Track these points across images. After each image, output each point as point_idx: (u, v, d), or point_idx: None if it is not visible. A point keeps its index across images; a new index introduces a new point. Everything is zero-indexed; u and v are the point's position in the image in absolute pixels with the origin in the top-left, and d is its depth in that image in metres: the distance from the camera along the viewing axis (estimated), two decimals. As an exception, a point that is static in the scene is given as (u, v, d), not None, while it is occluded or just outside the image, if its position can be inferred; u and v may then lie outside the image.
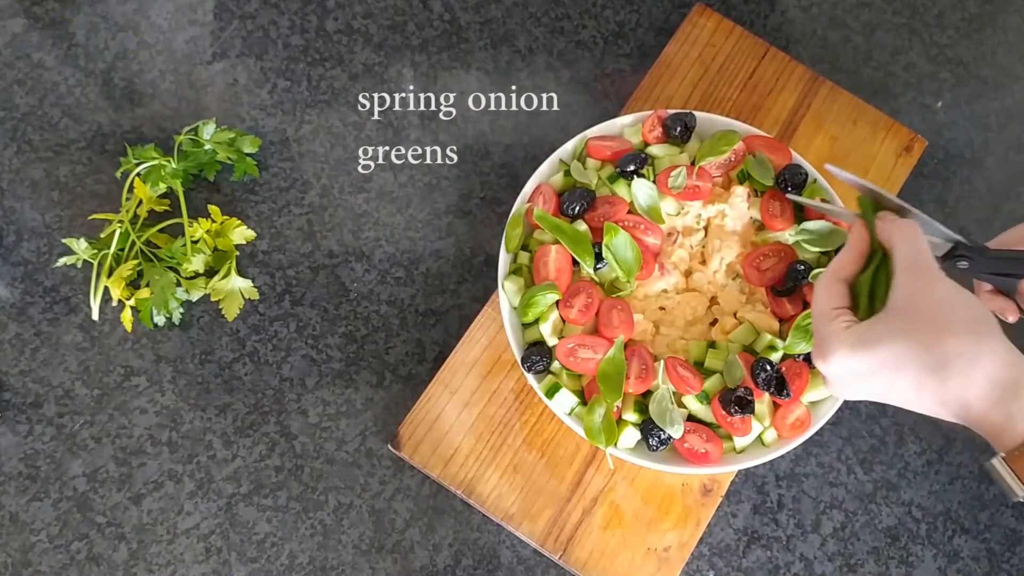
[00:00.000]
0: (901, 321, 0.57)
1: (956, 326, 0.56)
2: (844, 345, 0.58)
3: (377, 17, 1.02)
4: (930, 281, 0.58)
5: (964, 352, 0.55)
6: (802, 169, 0.87)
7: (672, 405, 0.79)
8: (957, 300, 0.57)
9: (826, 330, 0.60)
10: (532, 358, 0.81)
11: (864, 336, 0.58)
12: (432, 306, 0.92)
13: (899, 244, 0.61)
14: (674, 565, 0.83)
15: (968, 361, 0.55)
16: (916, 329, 0.56)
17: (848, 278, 0.64)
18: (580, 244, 0.82)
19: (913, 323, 0.57)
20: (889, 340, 0.56)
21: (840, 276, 0.64)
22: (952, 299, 0.57)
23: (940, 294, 0.58)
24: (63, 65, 0.98)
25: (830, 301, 0.62)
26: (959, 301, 0.57)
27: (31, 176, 0.94)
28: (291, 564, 0.83)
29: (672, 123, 0.88)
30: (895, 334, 0.57)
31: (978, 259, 0.65)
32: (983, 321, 0.57)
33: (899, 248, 0.61)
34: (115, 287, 0.87)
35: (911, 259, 0.60)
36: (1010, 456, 0.55)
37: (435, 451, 0.85)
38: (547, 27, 1.03)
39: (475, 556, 0.85)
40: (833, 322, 0.60)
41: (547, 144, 0.96)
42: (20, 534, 0.83)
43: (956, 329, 0.55)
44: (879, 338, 0.57)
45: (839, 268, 0.64)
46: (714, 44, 1.00)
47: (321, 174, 0.96)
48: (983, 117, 1.03)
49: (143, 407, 0.87)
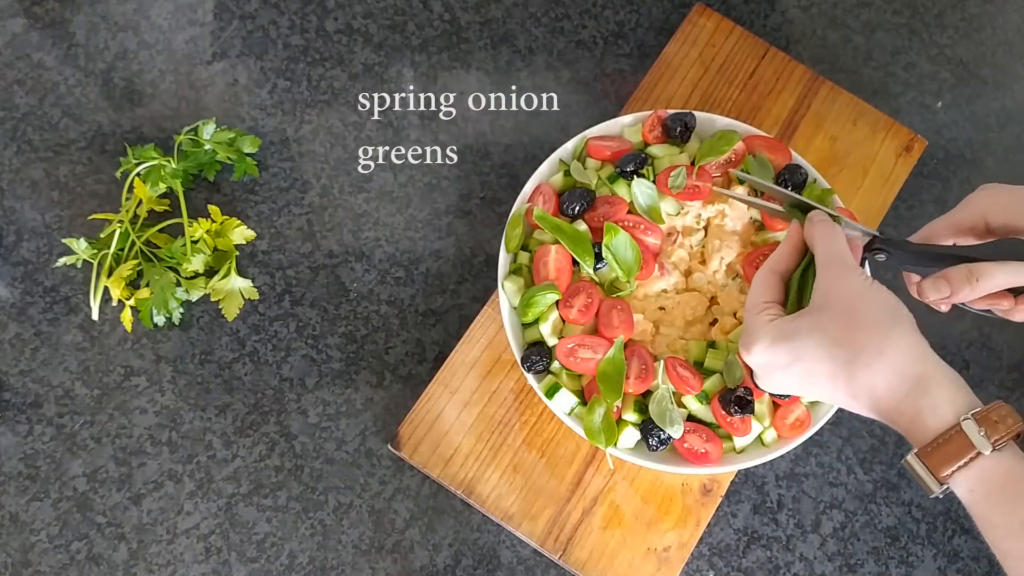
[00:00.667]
0: (817, 316, 0.59)
1: (865, 319, 0.57)
2: (765, 337, 0.60)
3: (377, 17, 1.02)
4: (843, 276, 0.60)
5: (871, 345, 0.56)
6: (802, 169, 0.87)
7: (672, 405, 0.79)
8: (868, 294, 0.59)
9: (752, 321, 0.62)
10: (532, 358, 0.81)
11: (784, 330, 0.59)
12: (432, 306, 0.92)
13: (818, 243, 0.63)
14: (674, 565, 0.83)
15: (875, 354, 0.56)
16: (829, 323, 0.58)
17: (783, 272, 0.65)
18: (580, 244, 0.82)
19: (827, 318, 0.58)
20: (805, 334, 0.58)
21: (776, 269, 0.65)
22: (863, 293, 0.59)
23: (852, 288, 0.59)
24: (63, 65, 0.98)
25: (762, 294, 0.64)
26: (870, 295, 0.59)
27: (31, 176, 0.94)
28: (291, 564, 0.83)
29: (672, 123, 0.88)
30: (810, 329, 0.58)
31: (895, 252, 0.67)
32: (892, 313, 0.58)
33: (818, 247, 0.63)
34: (115, 287, 0.87)
35: (827, 256, 0.62)
36: (922, 452, 0.55)
37: (435, 451, 0.85)
38: (547, 27, 1.03)
39: (475, 556, 0.85)
40: (760, 314, 0.62)
41: (547, 144, 0.96)
42: (20, 534, 0.83)
43: (865, 323, 0.57)
44: (796, 332, 0.59)
45: (775, 262, 0.66)
46: (714, 44, 1.00)
47: (321, 174, 0.96)
48: (983, 117, 1.03)
49: (143, 407, 0.87)
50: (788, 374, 0.60)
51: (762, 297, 0.64)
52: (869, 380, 0.56)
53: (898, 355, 0.56)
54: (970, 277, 0.62)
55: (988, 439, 0.53)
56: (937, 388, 0.55)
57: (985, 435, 0.53)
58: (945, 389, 0.55)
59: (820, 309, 0.59)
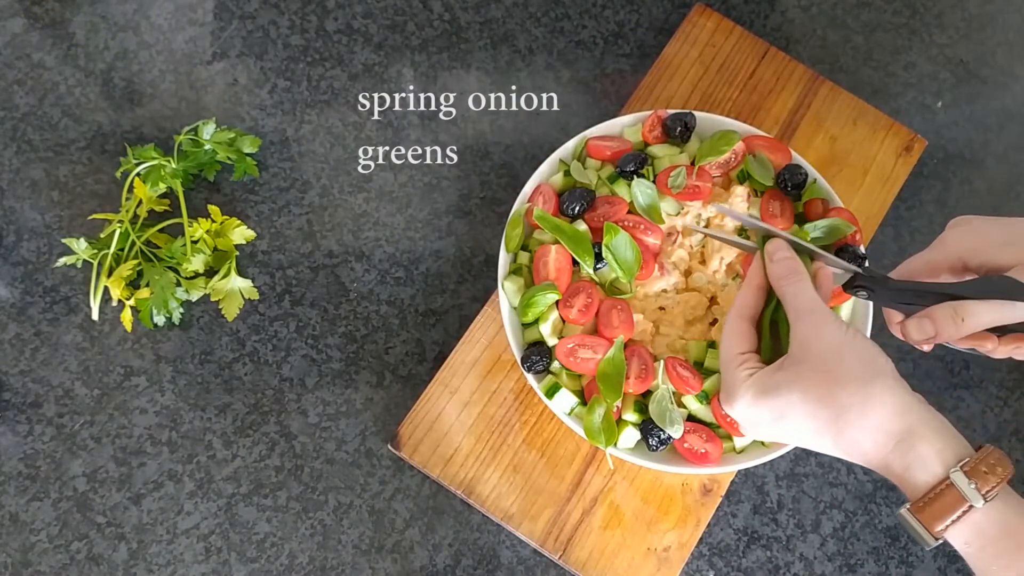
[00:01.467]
0: (796, 370, 0.57)
1: (846, 375, 0.56)
2: (747, 393, 0.59)
3: (377, 17, 1.02)
4: (819, 326, 0.58)
5: (854, 404, 0.55)
6: (802, 169, 0.87)
7: (672, 405, 0.79)
8: (847, 346, 0.57)
9: (731, 377, 0.61)
10: (532, 358, 0.81)
11: (764, 386, 0.58)
12: (432, 306, 0.92)
13: (785, 289, 0.61)
14: (674, 565, 0.83)
15: (859, 412, 0.55)
16: (809, 380, 0.56)
17: (752, 316, 0.63)
18: (580, 244, 0.82)
19: (806, 373, 0.57)
20: (786, 390, 0.57)
21: (744, 315, 0.63)
22: (842, 345, 0.57)
23: (829, 340, 0.57)
24: (63, 65, 0.98)
25: (735, 345, 0.62)
26: (849, 347, 0.57)
27: (31, 176, 0.94)
28: (291, 564, 0.83)
29: (672, 123, 0.88)
30: (791, 384, 0.57)
31: (878, 290, 0.65)
32: (872, 367, 0.56)
33: (786, 294, 0.61)
34: (115, 287, 0.87)
35: (798, 305, 0.60)
36: (915, 507, 0.54)
37: (435, 451, 0.85)
38: (547, 27, 1.03)
39: (475, 556, 0.85)
40: (738, 369, 0.60)
41: (547, 144, 0.96)
42: (20, 534, 0.83)
43: (846, 378, 0.55)
44: (778, 388, 0.57)
45: (742, 307, 0.64)
46: (714, 44, 1.00)
47: (321, 174, 0.96)
48: (983, 117, 1.03)
49: (143, 407, 0.87)
50: (774, 429, 0.59)
51: (736, 348, 0.62)
52: (855, 437, 0.55)
53: (883, 412, 0.55)
54: (955, 316, 0.61)
55: (979, 491, 0.52)
56: (924, 443, 0.54)
57: (976, 488, 0.52)
58: (932, 442, 0.54)
59: (799, 362, 0.58)
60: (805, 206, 0.88)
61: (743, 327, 0.63)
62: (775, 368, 0.59)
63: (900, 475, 0.55)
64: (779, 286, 0.62)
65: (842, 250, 0.85)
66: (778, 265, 0.63)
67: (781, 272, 0.62)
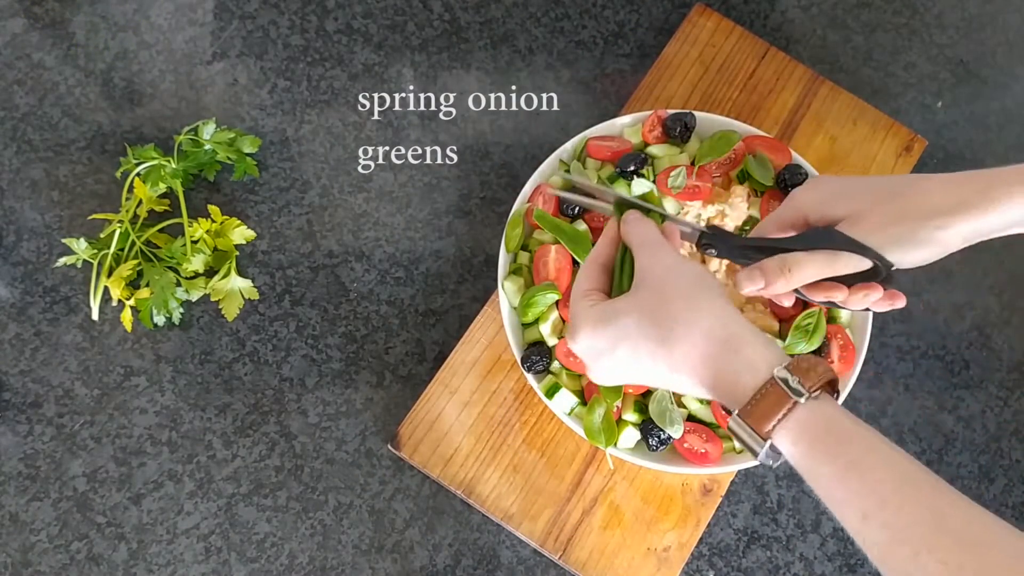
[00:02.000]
0: (634, 295, 0.60)
1: (675, 292, 0.58)
2: (587, 321, 0.61)
3: (377, 17, 1.02)
4: (655, 254, 0.61)
5: (683, 316, 0.57)
6: (802, 169, 0.87)
7: (672, 405, 0.79)
8: (678, 268, 0.60)
9: (575, 309, 0.63)
10: (532, 358, 0.81)
11: (604, 312, 0.60)
12: (432, 306, 0.92)
13: (631, 233, 0.65)
14: (674, 565, 0.83)
15: (687, 325, 0.57)
16: (645, 301, 0.59)
17: (605, 263, 0.66)
18: (580, 244, 0.82)
19: (643, 297, 0.59)
20: (624, 314, 0.59)
21: (598, 261, 0.66)
22: (674, 267, 0.60)
23: (664, 264, 0.60)
24: (63, 65, 0.98)
25: (584, 283, 0.65)
26: (680, 269, 0.60)
27: (31, 176, 0.94)
28: (291, 564, 0.83)
29: (672, 123, 0.88)
30: (628, 309, 0.59)
31: (722, 246, 0.69)
32: (701, 284, 0.59)
33: (632, 236, 0.64)
34: (115, 287, 0.87)
35: (640, 240, 0.63)
36: (743, 411, 0.54)
37: (435, 451, 0.85)
38: (547, 27, 1.03)
39: (475, 556, 0.85)
40: (582, 301, 0.63)
41: (547, 144, 0.96)
42: (20, 534, 0.83)
43: (675, 295, 0.58)
44: (616, 313, 0.60)
45: (597, 254, 0.66)
46: (714, 44, 1.00)
47: (321, 174, 0.96)
48: (983, 117, 1.03)
49: (143, 407, 0.87)
50: (614, 358, 0.60)
51: (585, 286, 0.64)
52: (685, 351, 0.57)
53: (707, 321, 0.57)
54: (783, 267, 0.64)
55: (803, 387, 0.53)
56: (748, 346, 0.56)
57: (799, 383, 0.53)
58: (757, 347, 0.56)
59: (636, 289, 0.60)
60: (805, 206, 0.88)
61: (593, 268, 0.66)
62: (616, 299, 0.61)
63: (730, 385, 0.55)
64: (626, 232, 0.65)
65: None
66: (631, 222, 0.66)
67: (632, 223, 0.66)
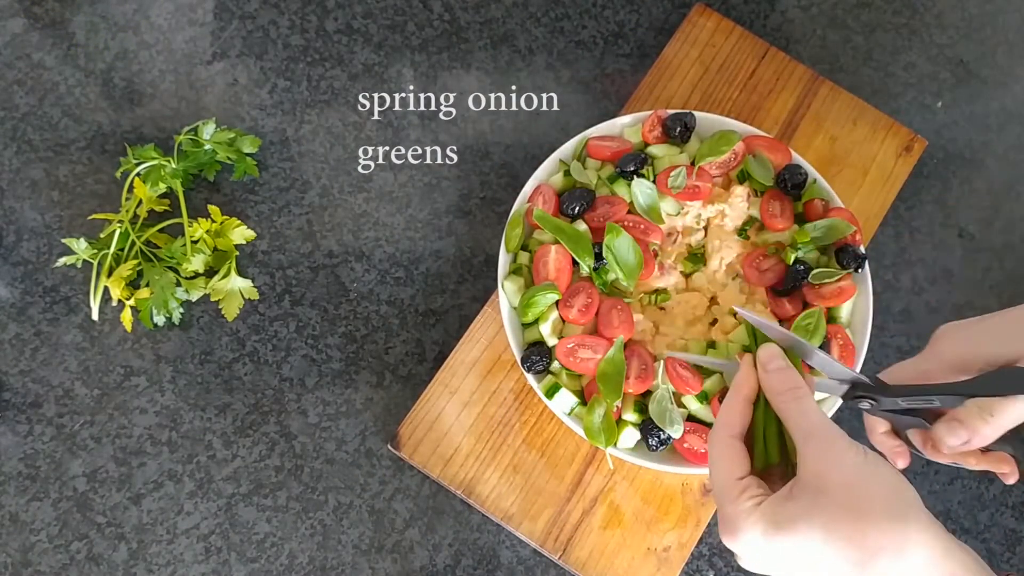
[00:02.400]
0: (812, 503, 0.50)
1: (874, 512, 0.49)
2: (755, 527, 0.51)
3: (377, 17, 1.02)
4: (836, 453, 0.51)
5: (888, 546, 0.49)
6: (802, 169, 0.87)
7: (672, 405, 0.79)
8: (871, 476, 0.51)
9: (732, 509, 0.53)
10: (532, 358, 0.81)
11: (777, 519, 0.51)
12: (432, 306, 0.92)
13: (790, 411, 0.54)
14: (674, 565, 0.83)
15: (894, 555, 0.49)
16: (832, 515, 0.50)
17: (741, 433, 0.56)
18: (580, 244, 0.82)
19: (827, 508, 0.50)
20: (805, 527, 0.50)
21: (733, 433, 0.56)
22: (864, 475, 0.51)
23: (849, 469, 0.51)
24: (63, 65, 0.98)
25: (731, 470, 0.54)
26: (873, 478, 0.51)
27: (31, 176, 0.94)
28: (291, 564, 0.83)
29: (672, 123, 0.88)
30: (810, 520, 0.50)
31: (880, 398, 0.59)
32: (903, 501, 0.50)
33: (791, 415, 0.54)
34: (115, 287, 0.87)
35: (807, 426, 0.53)
36: None
37: (435, 451, 0.85)
38: (547, 27, 1.03)
39: (475, 556, 0.85)
40: (739, 499, 0.53)
41: (547, 144, 0.96)
42: (20, 534, 0.83)
43: (875, 515, 0.49)
44: (794, 522, 0.50)
45: (730, 424, 0.56)
46: (714, 44, 1.00)
47: (321, 174, 0.96)
48: (983, 117, 1.03)
49: (143, 407, 0.87)
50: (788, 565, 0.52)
51: (734, 474, 0.54)
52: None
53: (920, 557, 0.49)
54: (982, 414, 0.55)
55: None
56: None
57: None
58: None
59: (816, 493, 0.50)
60: (805, 206, 0.88)
61: (735, 447, 0.55)
62: (784, 497, 0.51)
63: None
64: (779, 403, 0.55)
65: (842, 250, 0.85)
66: (774, 377, 0.55)
67: (780, 387, 0.55)
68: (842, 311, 0.85)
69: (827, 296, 0.83)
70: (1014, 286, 0.96)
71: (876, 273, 0.95)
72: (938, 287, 0.96)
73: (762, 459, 0.55)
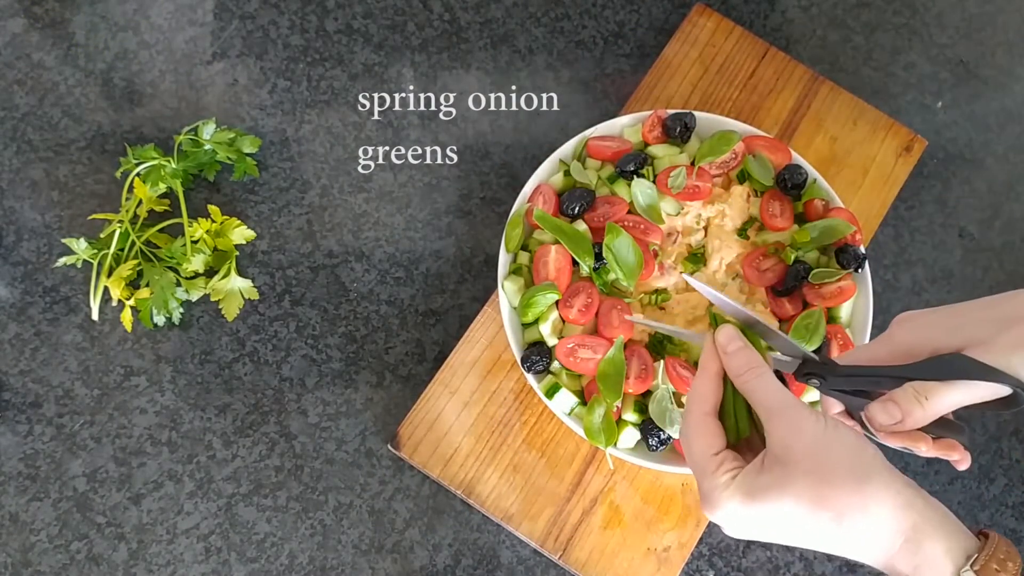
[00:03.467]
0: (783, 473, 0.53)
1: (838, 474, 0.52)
2: (733, 499, 0.54)
3: (377, 17, 1.02)
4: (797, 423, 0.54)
5: (851, 503, 0.52)
6: (802, 169, 0.87)
7: (672, 405, 0.79)
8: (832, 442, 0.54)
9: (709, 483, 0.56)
10: (532, 358, 0.81)
11: (751, 489, 0.54)
12: (432, 306, 0.92)
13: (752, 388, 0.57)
14: (674, 565, 0.83)
15: (859, 511, 0.52)
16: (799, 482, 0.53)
17: (714, 408, 0.58)
18: (580, 244, 0.82)
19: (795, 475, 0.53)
20: (777, 495, 0.53)
21: (705, 409, 0.58)
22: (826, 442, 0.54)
23: (811, 437, 0.54)
24: (63, 65, 0.98)
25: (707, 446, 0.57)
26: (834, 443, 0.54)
27: (31, 176, 0.94)
28: (291, 564, 0.83)
29: (672, 123, 0.88)
30: (782, 488, 0.53)
31: (829, 377, 0.61)
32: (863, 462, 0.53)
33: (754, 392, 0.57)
34: (115, 287, 0.87)
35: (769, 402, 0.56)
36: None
37: (435, 451, 0.85)
38: (547, 27, 1.03)
39: (475, 556, 0.85)
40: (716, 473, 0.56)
41: (547, 144, 0.96)
42: (20, 534, 0.83)
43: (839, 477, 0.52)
44: (767, 491, 0.53)
45: (702, 400, 0.58)
46: (714, 44, 1.00)
47: (321, 174, 0.96)
48: (983, 117, 1.03)
49: (143, 407, 0.87)
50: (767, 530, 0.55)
51: (709, 449, 0.57)
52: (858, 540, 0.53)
53: (883, 510, 0.52)
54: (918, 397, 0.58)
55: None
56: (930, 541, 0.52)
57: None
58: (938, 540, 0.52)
59: (783, 463, 0.53)
60: (805, 206, 0.88)
61: (708, 423, 0.58)
62: (757, 469, 0.55)
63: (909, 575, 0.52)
64: (741, 383, 0.57)
65: (842, 250, 0.85)
66: (734, 358, 0.58)
67: (740, 367, 0.58)
68: (842, 311, 0.85)
69: (827, 296, 0.83)
70: (1014, 286, 0.96)
71: (876, 273, 0.95)
72: (938, 287, 0.96)
73: (734, 432, 0.58)
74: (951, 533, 0.53)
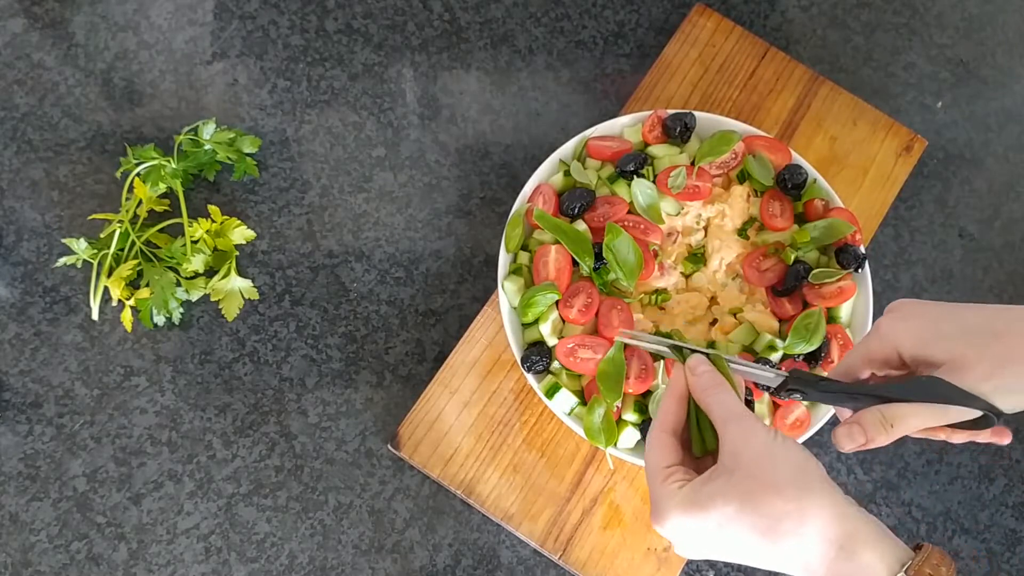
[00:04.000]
0: (728, 479, 0.55)
1: (779, 482, 0.54)
2: (677, 507, 0.56)
3: (377, 17, 1.02)
4: (747, 433, 0.56)
5: (790, 511, 0.53)
6: (802, 169, 0.87)
7: (672, 405, 0.79)
8: (777, 452, 0.56)
9: (659, 492, 0.58)
10: (532, 358, 0.81)
11: (696, 497, 0.56)
12: (432, 306, 0.92)
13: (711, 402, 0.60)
14: (674, 565, 0.83)
15: (797, 520, 0.53)
16: (743, 488, 0.54)
17: (674, 428, 0.61)
18: (580, 244, 0.82)
19: (739, 481, 0.55)
20: (720, 501, 0.55)
21: (666, 428, 0.61)
22: (771, 451, 0.56)
23: (758, 446, 0.56)
24: (63, 65, 0.98)
25: (660, 459, 0.59)
26: (781, 453, 0.56)
27: (31, 176, 0.94)
28: (291, 564, 0.83)
29: (672, 123, 0.88)
30: (725, 494, 0.55)
31: (811, 392, 0.63)
32: (806, 474, 0.55)
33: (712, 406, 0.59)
34: (115, 287, 0.87)
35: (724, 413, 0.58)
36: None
37: (435, 451, 0.85)
38: (547, 27, 1.03)
39: (475, 556, 0.85)
40: (665, 482, 0.58)
41: (547, 144, 0.96)
42: (20, 534, 0.83)
43: (780, 485, 0.54)
44: (711, 498, 0.55)
45: (664, 419, 0.61)
46: (714, 44, 1.00)
47: (321, 174, 0.96)
48: (983, 117, 1.03)
49: (143, 407, 0.87)
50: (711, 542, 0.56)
51: (662, 462, 0.59)
52: (795, 548, 0.54)
53: (820, 518, 0.53)
54: (884, 422, 0.60)
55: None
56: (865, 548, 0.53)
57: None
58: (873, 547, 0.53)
59: (730, 471, 0.55)
60: (805, 206, 0.88)
61: (666, 440, 0.60)
62: (705, 480, 0.56)
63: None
64: (702, 398, 0.60)
65: (842, 250, 0.85)
66: (700, 378, 0.61)
67: (703, 384, 0.61)
68: (842, 311, 0.85)
69: (827, 296, 0.83)
70: (1014, 286, 0.97)
71: (876, 273, 0.95)
72: (938, 287, 0.96)
73: (699, 446, 0.60)
74: (886, 542, 0.54)
